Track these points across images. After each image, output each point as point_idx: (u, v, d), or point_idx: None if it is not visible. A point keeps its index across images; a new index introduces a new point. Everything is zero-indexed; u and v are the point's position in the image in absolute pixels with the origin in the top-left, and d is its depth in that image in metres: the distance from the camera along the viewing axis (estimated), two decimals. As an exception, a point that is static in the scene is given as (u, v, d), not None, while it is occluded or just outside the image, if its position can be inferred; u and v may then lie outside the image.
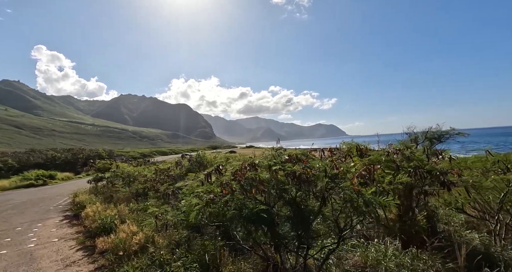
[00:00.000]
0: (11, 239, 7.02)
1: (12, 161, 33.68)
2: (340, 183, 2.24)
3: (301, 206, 2.41)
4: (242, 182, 2.33)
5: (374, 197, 1.99)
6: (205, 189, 2.62)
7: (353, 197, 2.04)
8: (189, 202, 2.65)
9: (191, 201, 2.62)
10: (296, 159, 2.74)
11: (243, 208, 2.24)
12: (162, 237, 4.50)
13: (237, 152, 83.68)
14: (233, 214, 2.25)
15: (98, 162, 12.54)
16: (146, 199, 8.87)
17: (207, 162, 6.05)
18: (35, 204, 12.83)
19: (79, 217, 8.71)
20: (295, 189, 2.46)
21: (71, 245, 6.22)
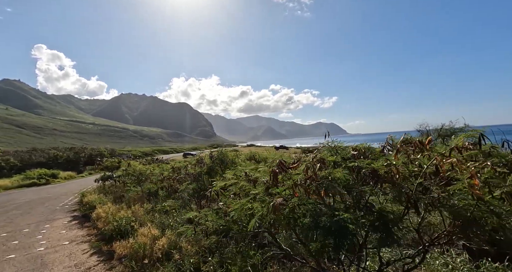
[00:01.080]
0: (18, 241, 6.61)
1: (14, 160, 33.34)
2: (431, 185, 1.82)
3: (383, 212, 1.99)
4: (315, 183, 1.89)
5: (503, 205, 1.55)
6: (262, 191, 2.17)
7: (471, 203, 1.61)
8: (243, 205, 2.21)
9: (247, 204, 2.18)
10: (364, 154, 2.32)
11: (320, 215, 1.81)
12: (189, 242, 4.06)
13: (239, 150, 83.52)
14: (308, 223, 1.81)
15: (106, 160, 12.14)
16: (158, 199, 8.49)
17: (229, 160, 5.63)
18: (40, 203, 12.44)
19: (89, 218, 8.31)
20: (369, 190, 2.04)
21: (84, 249, 5.81)
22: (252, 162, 4.53)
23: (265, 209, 1.88)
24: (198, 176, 5.35)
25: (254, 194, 2.22)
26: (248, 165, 4.49)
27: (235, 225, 2.79)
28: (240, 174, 3.16)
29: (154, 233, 4.61)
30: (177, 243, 4.24)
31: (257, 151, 6.18)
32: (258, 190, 2.23)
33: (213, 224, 2.86)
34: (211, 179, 5.87)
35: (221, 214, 2.83)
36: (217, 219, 2.80)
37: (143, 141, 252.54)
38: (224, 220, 2.80)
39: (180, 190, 5.48)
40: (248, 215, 2.30)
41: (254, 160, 5.13)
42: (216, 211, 2.87)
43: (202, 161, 5.42)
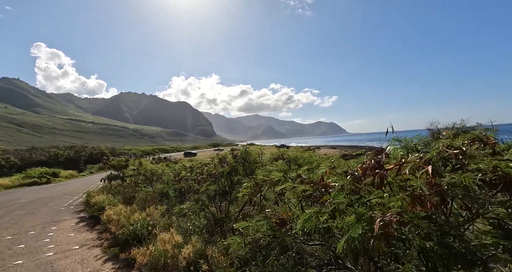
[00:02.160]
0: (25, 245, 6.21)
1: (14, 159, 32.92)
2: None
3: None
4: (435, 191, 1.47)
5: None
6: (346, 200, 1.74)
7: None
8: (315, 216, 1.79)
9: (322, 215, 1.77)
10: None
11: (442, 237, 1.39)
12: (219, 252, 3.65)
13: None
14: (435, 248, 1.36)
15: (112, 159, 11.73)
16: (169, 200, 8.09)
17: (253, 159, 5.23)
18: (43, 203, 12.04)
19: (98, 220, 7.91)
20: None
21: (96, 255, 5.41)
22: (282, 162, 4.13)
23: (364, 224, 1.43)
24: (220, 176, 4.95)
25: (337, 203, 1.78)
26: (282, 165, 4.10)
27: (289, 238, 2.38)
28: (291, 175, 2.75)
29: (177, 239, 4.20)
30: (204, 251, 3.83)
31: (284, 150, 5.80)
32: (339, 199, 1.81)
33: (263, 235, 2.45)
34: (234, 180, 5.48)
35: (272, 224, 2.42)
36: (269, 231, 2.38)
37: (143, 139, 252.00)
38: (279, 232, 2.38)
39: (201, 191, 5.08)
40: (322, 228, 1.89)
41: (283, 160, 4.71)
42: (267, 220, 2.45)
43: (225, 160, 5.01)
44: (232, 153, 5.21)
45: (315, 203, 2.31)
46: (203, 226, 5.37)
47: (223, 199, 5.37)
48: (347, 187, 1.90)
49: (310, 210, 1.98)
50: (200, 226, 5.37)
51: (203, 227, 5.34)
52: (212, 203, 5.69)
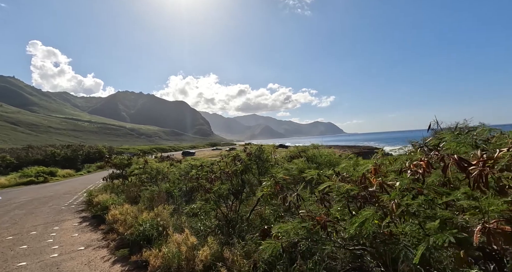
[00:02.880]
0: (27, 246, 5.97)
1: (10, 157, 32.39)
2: None
3: None
4: None
5: None
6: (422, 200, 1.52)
7: None
8: (371, 218, 1.61)
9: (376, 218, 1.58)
10: None
11: None
12: (239, 254, 3.45)
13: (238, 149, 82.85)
14: None
15: (114, 158, 11.48)
16: (174, 199, 7.89)
17: (266, 157, 5.05)
18: (43, 203, 11.75)
19: (101, 220, 7.69)
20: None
21: (104, 256, 5.20)
22: (302, 161, 3.95)
23: (454, 232, 1.20)
24: (234, 175, 4.77)
25: (406, 205, 1.58)
26: (302, 163, 3.93)
27: (330, 242, 2.20)
28: (326, 173, 2.58)
29: (192, 240, 4.00)
30: (222, 253, 3.64)
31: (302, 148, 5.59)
32: (408, 200, 1.61)
33: (301, 238, 2.26)
34: (245, 178, 5.30)
35: (311, 227, 2.23)
36: (306, 234, 2.19)
37: (140, 139, 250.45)
38: (317, 235, 2.20)
39: (213, 190, 4.89)
40: (371, 233, 1.70)
41: (304, 159, 4.54)
42: (305, 223, 2.26)
43: (239, 157, 4.83)
44: (245, 150, 5.02)
45: (366, 204, 2.12)
46: (215, 226, 5.19)
47: (235, 198, 5.19)
48: (408, 187, 1.72)
49: (365, 212, 1.80)
50: (212, 226, 5.19)
51: (215, 228, 5.16)
52: (223, 203, 5.51)
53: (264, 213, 5.55)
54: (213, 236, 4.22)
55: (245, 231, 4.68)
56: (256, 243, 3.50)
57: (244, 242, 3.74)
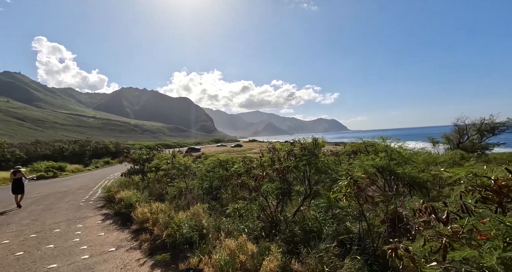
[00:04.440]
0: (54, 245, 5.58)
1: (20, 152, 32.34)
2: None
3: None
4: None
5: None
6: None
7: None
8: None
9: None
10: None
11: None
12: (315, 269, 2.96)
13: (243, 146, 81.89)
14: None
15: (133, 153, 11.08)
16: (203, 197, 7.46)
17: (318, 153, 4.56)
18: (59, 198, 11.43)
19: (125, 217, 7.29)
20: None
21: (138, 259, 4.78)
22: (382, 157, 3.40)
23: None
24: (286, 172, 4.30)
25: None
26: (382, 159, 3.41)
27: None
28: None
29: (250, 247, 3.54)
30: (288, 265, 3.16)
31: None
32: None
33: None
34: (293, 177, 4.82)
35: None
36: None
37: (144, 135, 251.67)
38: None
39: (262, 189, 4.44)
40: None
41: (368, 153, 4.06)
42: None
43: (292, 152, 4.34)
44: (299, 144, 4.52)
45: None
46: (260, 229, 4.74)
47: (282, 198, 4.72)
48: None
49: None
50: (257, 228, 4.74)
51: (261, 230, 4.71)
52: (266, 203, 5.05)
53: (308, 214, 5.09)
54: (276, 243, 3.74)
55: (298, 235, 4.21)
56: (336, 255, 3.02)
57: (314, 251, 3.25)
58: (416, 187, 3.05)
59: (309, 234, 4.41)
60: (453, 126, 17.88)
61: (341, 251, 3.15)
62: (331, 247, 3.13)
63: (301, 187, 5.19)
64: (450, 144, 17.99)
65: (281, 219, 4.72)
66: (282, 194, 4.60)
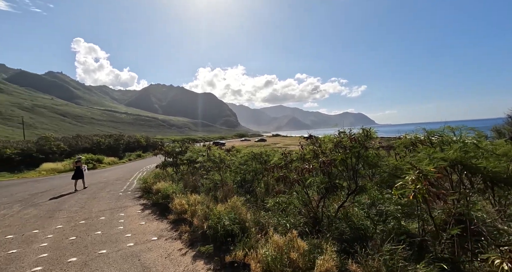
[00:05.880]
0: (101, 232, 5.89)
1: (64, 145, 35.16)
2: None
3: None
4: None
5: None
6: None
7: None
8: None
9: None
10: None
11: None
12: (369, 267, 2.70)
13: (267, 140, 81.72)
14: None
15: (167, 146, 11.47)
16: (237, 190, 7.41)
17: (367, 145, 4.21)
18: (100, 188, 12.20)
19: (162, 208, 7.51)
20: None
21: (180, 249, 4.84)
22: (456, 148, 2.97)
23: None
24: (332, 166, 4.01)
25: None
26: (456, 152, 2.99)
27: None
28: None
29: (301, 245, 3.36)
30: (344, 266, 2.92)
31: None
32: None
33: None
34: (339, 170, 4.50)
35: None
36: None
37: (171, 130, 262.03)
38: None
39: (307, 183, 4.22)
40: None
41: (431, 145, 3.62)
42: None
43: (340, 144, 4.04)
44: (350, 133, 4.18)
45: None
46: (303, 224, 4.53)
47: (327, 193, 4.45)
48: None
49: None
50: (300, 224, 4.54)
51: (304, 226, 4.50)
52: (308, 197, 4.82)
53: (352, 211, 4.77)
54: (327, 242, 3.52)
55: (347, 233, 3.94)
56: (404, 259, 2.70)
57: (373, 251, 2.97)
58: (502, 184, 2.61)
59: (356, 232, 4.12)
60: (506, 118, 16.11)
61: (408, 254, 2.82)
62: (398, 248, 2.82)
63: (344, 182, 4.88)
64: (501, 137, 16.26)
65: (325, 215, 4.46)
66: (326, 189, 4.33)
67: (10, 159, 24.97)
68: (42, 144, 31.05)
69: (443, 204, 3.15)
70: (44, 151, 29.43)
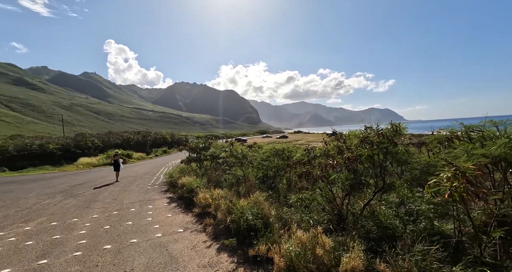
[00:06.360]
0: (132, 223, 6.26)
1: (98, 141, 37.71)
2: None
3: None
4: None
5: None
6: None
7: None
8: None
9: None
10: None
11: None
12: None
13: (289, 137, 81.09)
14: None
15: (191, 142, 11.88)
16: (259, 186, 7.45)
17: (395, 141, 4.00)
18: (130, 182, 12.94)
19: (187, 201, 7.79)
20: None
21: (204, 241, 5.00)
22: (501, 143, 2.71)
23: None
24: (357, 162, 3.87)
25: None
26: (502, 147, 2.72)
27: None
28: None
29: (326, 241, 3.31)
30: (371, 265, 2.82)
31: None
32: None
33: None
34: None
35: None
36: None
37: (194, 126, 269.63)
38: None
39: (330, 179, 4.14)
40: None
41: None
42: None
43: (367, 139, 3.88)
44: (377, 128, 4.00)
45: None
46: (327, 221, 4.44)
47: (352, 190, 4.31)
48: None
49: None
50: (324, 221, 4.46)
51: (328, 223, 4.41)
52: (332, 194, 4.71)
53: (379, 209, 4.57)
54: (353, 239, 3.43)
55: (374, 232, 3.80)
56: (437, 260, 2.54)
57: (403, 251, 2.84)
58: None
59: (384, 231, 3.95)
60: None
61: (442, 255, 2.65)
62: (431, 249, 2.66)
63: (370, 179, 4.69)
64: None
65: (350, 213, 4.33)
66: (351, 186, 4.19)
67: (52, 153, 27.39)
68: (79, 140, 33.56)
69: (483, 204, 2.91)
70: (81, 146, 31.79)
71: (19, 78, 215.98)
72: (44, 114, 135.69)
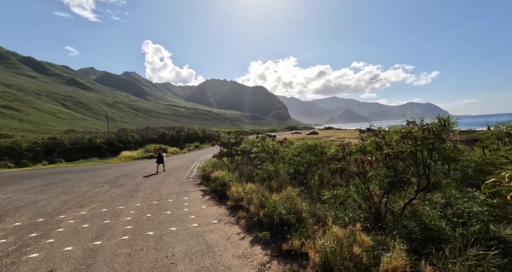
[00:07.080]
0: (171, 212, 6.70)
1: (137, 136, 40.60)
2: None
3: None
4: None
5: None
6: None
7: None
8: None
9: None
10: None
11: None
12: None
13: (319, 133, 78.61)
14: None
15: (223, 137, 12.27)
16: (290, 182, 7.42)
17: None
18: (166, 175, 13.77)
19: (219, 194, 8.08)
20: None
21: (238, 233, 5.16)
22: None
23: None
24: (399, 159, 3.64)
25: None
26: None
27: None
28: None
29: (365, 240, 3.22)
30: (415, 266, 2.67)
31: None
32: None
33: None
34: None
35: None
36: None
37: (224, 122, 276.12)
38: None
39: (368, 176, 3.99)
40: None
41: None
42: None
43: (410, 134, 3.63)
44: (421, 122, 3.73)
45: None
46: (363, 219, 4.29)
47: (391, 188, 4.08)
48: None
49: None
50: (360, 218, 4.31)
51: (364, 221, 4.26)
52: (369, 192, 4.51)
53: (422, 210, 4.27)
54: (394, 238, 3.29)
55: (417, 233, 3.57)
56: (496, 267, 2.32)
57: (453, 255, 2.64)
58: None
59: (428, 233, 3.70)
60: None
61: (502, 262, 2.40)
62: (488, 254, 2.43)
63: (412, 177, 4.40)
64: None
65: (389, 212, 4.12)
66: (391, 183, 3.97)
67: (99, 147, 30.25)
68: (121, 135, 36.49)
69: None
70: (123, 140, 34.55)
71: (72, 78, 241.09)
72: (91, 111, 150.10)
